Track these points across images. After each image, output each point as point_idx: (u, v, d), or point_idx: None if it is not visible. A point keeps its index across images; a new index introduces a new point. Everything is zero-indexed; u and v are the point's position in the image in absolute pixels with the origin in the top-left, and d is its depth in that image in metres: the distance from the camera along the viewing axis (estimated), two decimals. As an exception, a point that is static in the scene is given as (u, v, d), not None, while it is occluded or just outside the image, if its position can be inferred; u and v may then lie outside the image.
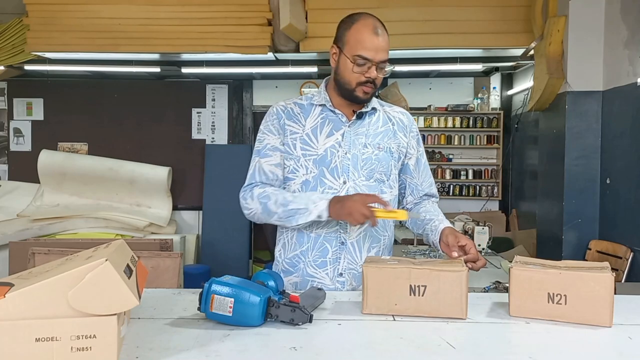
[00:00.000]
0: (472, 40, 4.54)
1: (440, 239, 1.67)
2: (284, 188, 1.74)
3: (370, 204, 1.52)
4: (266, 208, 1.65)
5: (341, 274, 1.70)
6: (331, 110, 1.72)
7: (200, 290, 1.24)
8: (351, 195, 1.58)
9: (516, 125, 5.81)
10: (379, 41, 1.60)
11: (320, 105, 1.74)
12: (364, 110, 1.72)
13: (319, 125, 1.72)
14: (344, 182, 1.68)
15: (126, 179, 5.63)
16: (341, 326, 1.25)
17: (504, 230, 5.86)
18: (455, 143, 6.14)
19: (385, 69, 1.64)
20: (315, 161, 1.69)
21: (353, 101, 1.69)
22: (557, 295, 1.29)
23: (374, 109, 1.76)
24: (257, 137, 1.79)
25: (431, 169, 1.93)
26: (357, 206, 1.52)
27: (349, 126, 1.71)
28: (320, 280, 1.70)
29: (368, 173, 1.70)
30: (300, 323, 1.21)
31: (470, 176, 6.18)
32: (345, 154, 1.69)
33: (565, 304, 1.28)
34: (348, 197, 1.57)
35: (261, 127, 1.80)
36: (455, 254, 1.55)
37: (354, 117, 1.72)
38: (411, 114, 1.98)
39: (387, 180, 1.74)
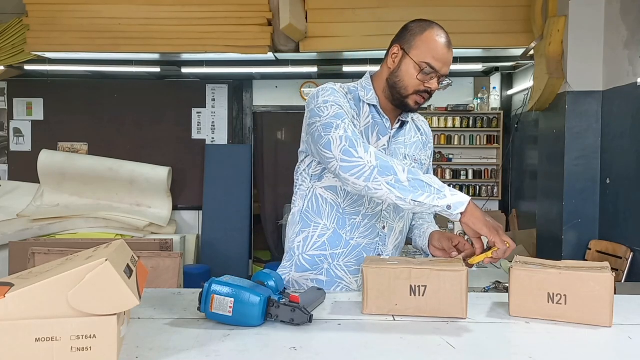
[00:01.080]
0: (472, 40, 4.55)
1: (429, 243, 1.65)
2: (321, 181, 1.61)
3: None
4: (387, 165, 1.37)
5: None
6: (379, 113, 1.61)
7: (200, 290, 1.24)
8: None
9: (516, 125, 5.81)
10: (449, 54, 1.54)
11: (371, 105, 1.61)
12: (405, 119, 1.66)
13: (370, 125, 1.61)
14: None
15: (126, 179, 5.63)
16: (341, 326, 1.25)
17: (504, 230, 5.86)
18: (455, 143, 6.14)
19: (443, 83, 1.56)
20: None
21: (401, 108, 1.60)
22: (557, 295, 1.29)
23: (412, 118, 1.71)
24: (323, 106, 1.49)
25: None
26: (495, 225, 1.38)
27: (392, 133, 1.63)
28: (347, 284, 1.65)
29: None
30: (300, 323, 1.21)
31: (470, 176, 6.18)
32: None
33: (565, 304, 1.28)
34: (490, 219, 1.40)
35: (327, 99, 1.51)
36: (455, 254, 1.53)
37: (397, 125, 1.64)
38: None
39: None
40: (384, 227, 1.64)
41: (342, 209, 1.62)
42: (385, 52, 1.65)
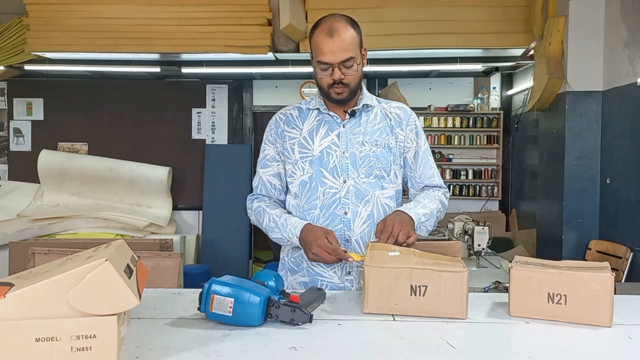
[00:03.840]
0: (472, 40, 4.54)
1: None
2: (287, 192, 1.83)
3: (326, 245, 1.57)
4: (259, 224, 1.79)
5: (349, 272, 1.72)
6: (326, 113, 1.76)
7: (200, 290, 1.24)
8: (317, 233, 1.61)
9: (516, 125, 5.81)
10: (334, 43, 1.62)
11: (315, 109, 1.78)
12: (355, 108, 1.75)
13: (315, 127, 1.76)
14: (344, 181, 1.70)
15: (126, 179, 5.63)
16: (341, 326, 1.25)
17: (504, 230, 5.86)
18: (455, 143, 6.14)
19: (353, 66, 1.65)
20: (312, 162, 1.72)
21: (334, 103, 1.73)
22: (557, 295, 1.29)
23: (368, 105, 1.77)
24: (261, 147, 1.88)
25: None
26: (314, 244, 1.59)
27: (343, 126, 1.74)
28: (329, 280, 1.72)
29: (367, 170, 1.71)
30: (300, 323, 1.21)
31: (470, 176, 6.18)
32: (343, 153, 1.72)
33: (565, 304, 1.29)
34: (313, 235, 1.61)
35: (264, 136, 1.88)
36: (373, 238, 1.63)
37: (347, 117, 1.74)
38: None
39: (387, 176, 1.75)
40: (345, 213, 1.71)
41: (301, 208, 1.75)
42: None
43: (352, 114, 1.75)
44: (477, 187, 6.19)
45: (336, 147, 1.72)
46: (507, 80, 6.16)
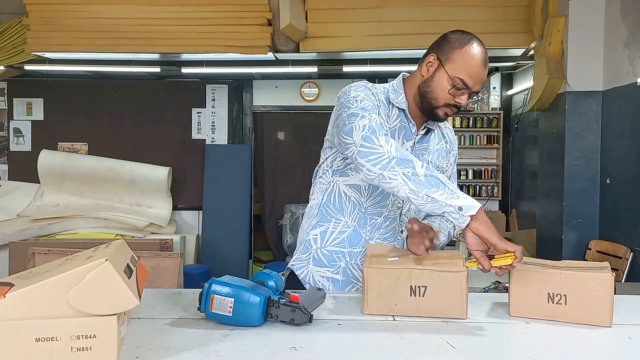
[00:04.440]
0: (472, 40, 4.54)
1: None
2: (345, 177, 1.60)
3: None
4: (406, 158, 1.34)
5: None
6: (405, 117, 1.62)
7: (200, 290, 1.24)
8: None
9: (516, 125, 5.81)
10: (483, 73, 1.53)
11: (401, 108, 1.62)
12: (432, 127, 1.66)
13: (397, 128, 1.62)
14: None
15: (126, 179, 5.63)
16: (341, 326, 1.25)
17: (504, 230, 5.86)
18: (455, 143, 6.14)
19: (473, 99, 1.56)
20: None
21: (429, 116, 1.61)
22: (557, 295, 1.29)
23: (437, 126, 1.70)
24: (351, 100, 1.50)
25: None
26: (501, 242, 1.30)
27: (417, 140, 1.64)
28: (361, 286, 1.58)
29: None
30: (300, 323, 1.21)
31: (470, 176, 6.18)
32: None
33: (565, 304, 1.29)
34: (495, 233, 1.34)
35: (357, 94, 1.52)
36: (427, 243, 1.44)
37: (422, 131, 1.65)
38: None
39: None
40: (402, 231, 1.65)
41: (364, 209, 1.62)
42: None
43: (428, 132, 1.66)
44: (477, 187, 6.19)
45: None
46: (507, 80, 6.16)
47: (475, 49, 1.51)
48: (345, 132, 1.43)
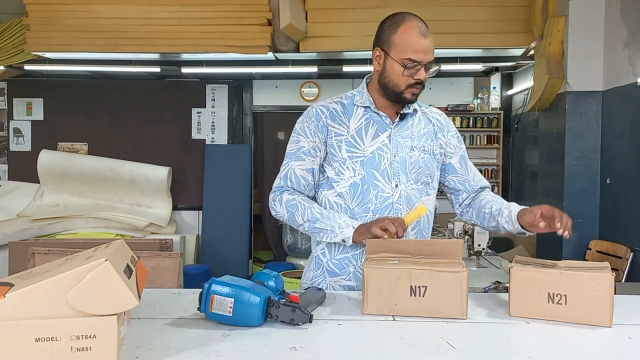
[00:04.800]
0: (472, 40, 4.54)
1: (522, 226, 1.63)
2: (330, 190, 1.71)
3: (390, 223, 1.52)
4: (293, 217, 1.65)
5: None
6: (375, 112, 1.68)
7: (200, 290, 1.24)
8: (379, 219, 1.57)
9: (516, 125, 5.81)
10: (427, 42, 1.58)
11: (363, 106, 1.69)
12: (406, 111, 1.70)
13: (364, 126, 1.67)
14: (396, 186, 1.66)
15: (126, 179, 5.63)
16: (341, 326, 1.25)
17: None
18: (455, 143, 6.13)
19: (431, 69, 1.61)
20: (363, 163, 1.65)
21: (400, 102, 1.67)
22: (557, 295, 1.29)
23: (414, 110, 1.73)
24: (291, 139, 1.72)
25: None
26: (376, 223, 1.53)
27: (393, 128, 1.68)
28: None
29: (416, 176, 1.68)
30: (300, 323, 1.21)
31: (470, 176, 6.17)
32: (394, 156, 1.66)
33: (566, 304, 1.29)
34: (373, 221, 1.57)
35: (297, 127, 1.72)
36: (542, 225, 1.53)
37: (397, 119, 1.69)
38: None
39: (431, 182, 1.73)
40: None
41: (351, 210, 1.67)
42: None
43: (403, 117, 1.69)
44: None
45: (387, 150, 1.66)
46: (507, 80, 6.15)
47: (408, 25, 1.60)
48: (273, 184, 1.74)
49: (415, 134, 1.71)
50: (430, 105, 1.83)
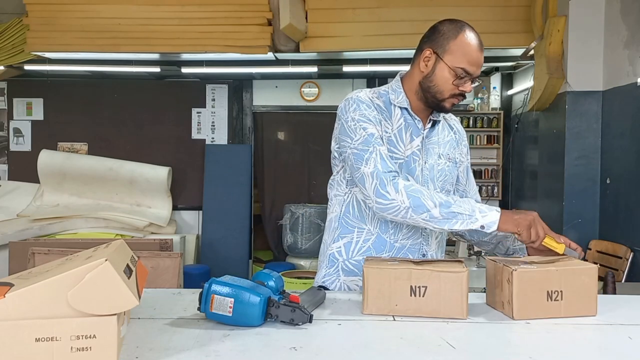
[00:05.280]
0: (472, 40, 4.54)
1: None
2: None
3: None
4: (419, 203, 1.45)
5: None
6: (410, 115, 1.63)
7: (200, 290, 1.24)
8: (530, 212, 1.49)
9: (516, 125, 5.81)
10: (482, 57, 1.56)
11: (402, 107, 1.63)
12: (437, 118, 1.67)
13: (403, 127, 1.62)
14: None
15: (126, 179, 5.63)
16: (341, 326, 1.25)
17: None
18: (455, 143, 6.13)
19: (475, 84, 1.59)
20: (401, 165, 1.59)
21: (436, 109, 1.63)
22: (554, 292, 1.31)
23: (443, 117, 1.72)
24: (353, 127, 1.55)
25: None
26: (537, 223, 1.46)
27: (425, 134, 1.65)
28: None
29: (441, 184, 1.66)
30: (300, 323, 1.21)
31: (471, 176, 6.18)
32: (425, 163, 1.63)
33: (562, 299, 1.31)
34: (527, 212, 1.49)
35: (354, 116, 1.56)
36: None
37: (429, 125, 1.66)
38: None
39: (451, 190, 1.72)
40: (425, 227, 1.63)
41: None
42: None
43: (434, 124, 1.67)
44: (478, 187, 6.18)
45: (419, 155, 1.62)
46: (507, 80, 6.15)
47: (469, 35, 1.55)
48: (358, 179, 1.54)
49: (441, 141, 1.69)
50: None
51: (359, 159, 1.52)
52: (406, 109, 1.62)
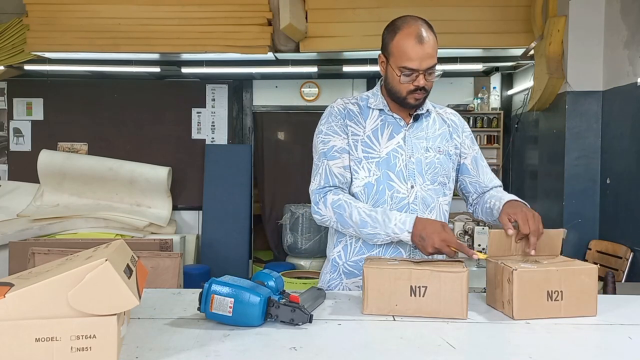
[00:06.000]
0: (472, 40, 4.55)
1: (501, 212, 1.60)
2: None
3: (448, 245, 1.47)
4: (341, 219, 1.60)
5: None
6: (389, 114, 1.70)
7: (200, 290, 1.24)
8: (435, 225, 1.50)
9: (516, 125, 5.81)
10: (424, 49, 1.57)
11: (378, 109, 1.70)
12: (420, 112, 1.71)
13: (379, 127, 1.69)
14: (412, 187, 1.66)
15: (126, 179, 5.63)
16: (341, 326, 1.25)
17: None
18: (455, 143, 6.13)
19: (435, 74, 1.61)
20: (378, 163, 1.65)
21: (404, 107, 1.68)
22: (554, 292, 1.31)
23: (428, 111, 1.74)
24: (320, 139, 1.69)
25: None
26: (436, 241, 1.47)
27: (408, 130, 1.69)
28: None
29: (432, 177, 1.68)
30: (300, 323, 1.21)
31: (471, 176, 6.17)
32: (410, 158, 1.67)
33: (562, 299, 1.31)
34: (431, 227, 1.49)
35: (322, 128, 1.70)
36: (510, 232, 1.48)
37: (411, 120, 1.70)
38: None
39: (448, 183, 1.73)
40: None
41: None
42: None
43: (416, 118, 1.70)
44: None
45: (402, 151, 1.66)
46: (507, 80, 6.15)
47: (405, 31, 1.60)
48: (310, 188, 1.68)
49: (430, 135, 1.71)
50: (446, 106, 1.85)
51: (312, 175, 1.69)
52: (382, 109, 1.70)
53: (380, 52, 1.68)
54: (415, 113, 1.70)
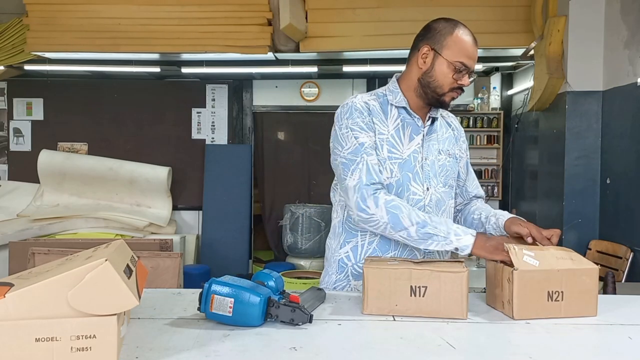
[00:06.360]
0: (472, 40, 4.54)
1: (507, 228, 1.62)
2: None
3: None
4: (397, 220, 1.50)
5: None
6: (409, 114, 1.66)
7: (200, 290, 1.24)
8: (498, 237, 1.52)
9: (516, 125, 5.81)
10: (476, 51, 1.61)
11: (400, 106, 1.66)
12: (435, 115, 1.70)
13: (400, 127, 1.65)
14: (427, 189, 1.65)
15: (126, 179, 5.63)
16: (341, 326, 1.25)
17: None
18: (455, 143, 6.13)
19: (471, 78, 1.62)
20: (400, 165, 1.62)
21: (436, 105, 1.65)
22: (555, 293, 1.31)
23: (440, 114, 1.74)
24: (345, 136, 1.59)
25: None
26: (497, 246, 1.45)
27: (425, 131, 1.68)
28: None
29: (444, 180, 1.69)
30: (300, 323, 1.21)
31: (471, 176, 6.17)
32: (425, 159, 1.66)
33: (562, 300, 1.31)
34: (496, 237, 1.51)
35: (347, 123, 1.60)
36: (530, 240, 1.50)
37: (428, 122, 1.68)
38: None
39: (454, 186, 1.75)
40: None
41: None
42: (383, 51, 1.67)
43: (433, 121, 1.69)
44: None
45: (419, 153, 1.65)
46: (507, 80, 6.15)
47: (464, 31, 1.62)
48: (343, 189, 1.60)
49: (440, 137, 1.72)
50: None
51: (345, 170, 1.57)
52: (405, 108, 1.65)
53: (422, 44, 1.63)
54: (433, 116, 1.69)
